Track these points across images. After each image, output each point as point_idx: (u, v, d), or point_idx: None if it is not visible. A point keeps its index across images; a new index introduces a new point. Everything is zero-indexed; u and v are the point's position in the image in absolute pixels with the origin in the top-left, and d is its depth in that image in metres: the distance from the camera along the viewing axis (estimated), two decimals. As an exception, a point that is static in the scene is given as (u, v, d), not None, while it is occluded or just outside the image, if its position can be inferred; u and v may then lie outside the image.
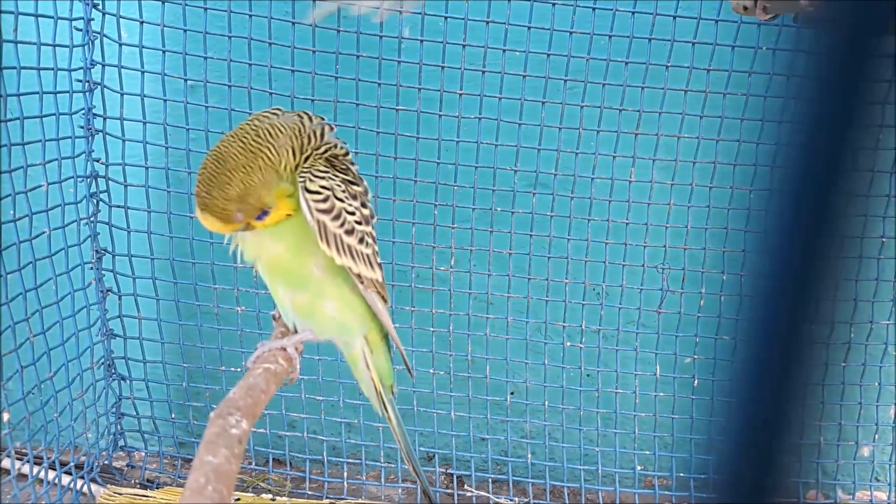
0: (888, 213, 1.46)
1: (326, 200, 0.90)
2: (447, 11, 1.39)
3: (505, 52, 1.39)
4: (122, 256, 1.52)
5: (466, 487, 1.68)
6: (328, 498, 1.62)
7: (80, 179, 1.43)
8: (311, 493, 1.64)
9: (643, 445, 1.65)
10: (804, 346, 0.33)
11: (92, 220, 1.48)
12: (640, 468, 1.68)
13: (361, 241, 0.95)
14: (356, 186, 0.96)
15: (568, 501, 1.65)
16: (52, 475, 1.47)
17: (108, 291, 1.54)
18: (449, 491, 1.66)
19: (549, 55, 1.40)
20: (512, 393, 1.65)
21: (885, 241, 1.48)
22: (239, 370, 1.59)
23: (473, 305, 1.58)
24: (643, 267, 1.53)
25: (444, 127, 1.45)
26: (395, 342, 1.05)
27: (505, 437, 1.67)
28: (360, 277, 0.95)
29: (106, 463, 1.63)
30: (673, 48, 1.40)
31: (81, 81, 1.39)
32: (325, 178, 0.90)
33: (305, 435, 1.66)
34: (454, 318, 1.58)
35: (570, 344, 1.59)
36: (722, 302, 1.53)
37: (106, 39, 1.39)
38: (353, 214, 0.93)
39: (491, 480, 1.69)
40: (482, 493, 1.67)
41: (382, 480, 1.67)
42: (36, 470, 1.46)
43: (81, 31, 1.37)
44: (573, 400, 1.62)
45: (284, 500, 1.58)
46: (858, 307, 1.51)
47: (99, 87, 1.41)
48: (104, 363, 1.58)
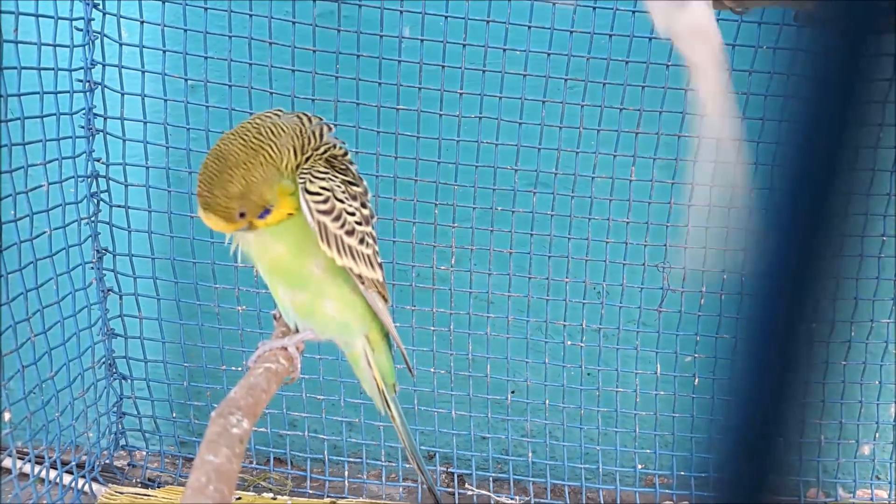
0: (888, 211, 1.46)
1: (327, 201, 0.90)
2: (448, 11, 1.39)
3: (505, 51, 1.39)
4: (122, 256, 1.52)
5: (467, 486, 1.68)
6: (329, 497, 1.62)
7: (80, 179, 1.43)
8: (312, 491, 1.64)
9: (644, 444, 1.65)
10: (802, 344, 0.33)
11: (93, 219, 1.48)
12: (640, 467, 1.68)
13: (362, 241, 0.95)
14: (356, 187, 0.97)
15: (569, 500, 1.65)
16: (53, 474, 1.47)
17: (108, 291, 1.55)
18: (450, 490, 1.66)
19: (549, 54, 1.40)
20: (513, 392, 1.65)
21: (885, 239, 1.48)
22: (240, 369, 1.60)
23: (474, 304, 1.58)
24: (643, 266, 1.54)
25: (444, 126, 1.45)
26: (395, 341, 1.06)
27: (506, 435, 1.67)
28: (360, 277, 0.96)
29: (107, 462, 1.63)
30: (674, 47, 1.40)
31: (82, 81, 1.39)
32: (325, 179, 0.91)
33: (306, 434, 1.66)
34: (455, 317, 1.58)
35: (570, 343, 1.59)
36: (722, 301, 1.53)
37: (106, 39, 1.39)
38: (353, 215, 0.94)
39: (492, 479, 1.69)
40: (483, 491, 1.67)
41: (383, 479, 1.68)
42: (37, 469, 1.46)
43: (82, 31, 1.37)
44: (574, 399, 1.62)
45: (285, 499, 1.59)
46: (859, 306, 1.51)
47: (99, 86, 1.41)
48: (105, 362, 1.58)
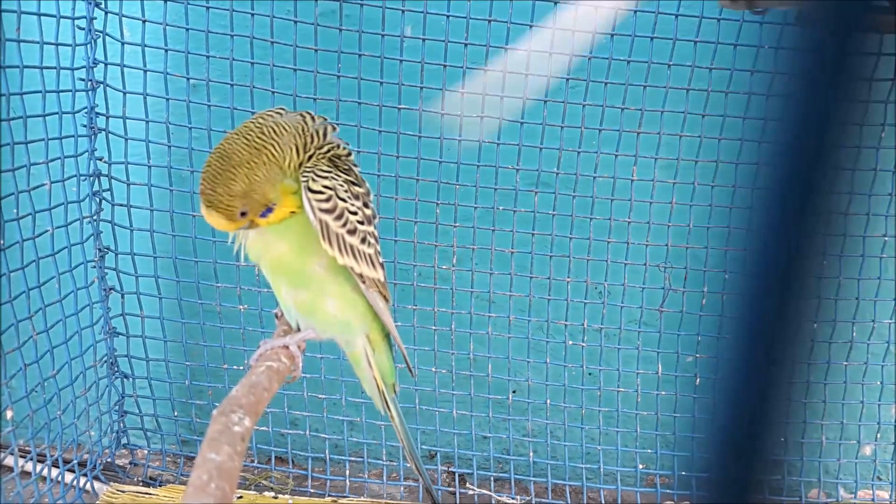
0: (890, 211, 1.46)
1: (329, 200, 0.90)
2: (449, 10, 1.39)
3: (507, 50, 1.39)
4: (124, 255, 1.52)
5: (468, 486, 1.68)
6: (330, 496, 1.62)
7: (82, 178, 1.43)
8: (313, 491, 1.64)
9: (645, 444, 1.65)
10: (788, 344, 0.33)
11: (95, 218, 1.48)
12: (641, 467, 1.68)
13: (363, 240, 0.95)
14: (358, 188, 0.97)
15: (570, 500, 1.65)
16: (55, 473, 1.47)
17: (110, 290, 1.55)
18: (451, 489, 1.66)
19: (551, 54, 1.40)
20: (514, 391, 1.65)
21: (887, 239, 1.48)
22: (241, 368, 1.60)
23: (475, 304, 1.58)
24: (645, 266, 1.53)
25: (446, 125, 1.45)
26: (396, 341, 1.06)
27: (507, 435, 1.67)
28: (361, 277, 0.96)
29: (109, 461, 1.63)
30: (675, 47, 1.40)
31: (84, 80, 1.39)
32: (327, 177, 0.91)
33: (308, 433, 1.66)
34: (456, 316, 1.58)
35: (572, 342, 1.59)
36: (724, 301, 1.52)
37: (108, 38, 1.39)
38: (355, 214, 0.94)
39: (493, 479, 1.69)
40: (484, 491, 1.67)
41: (384, 479, 1.68)
42: (39, 468, 1.46)
43: (84, 29, 1.37)
44: (575, 398, 1.62)
45: (287, 498, 1.59)
46: (861, 306, 1.51)
47: (102, 85, 1.41)
48: (107, 361, 1.58)
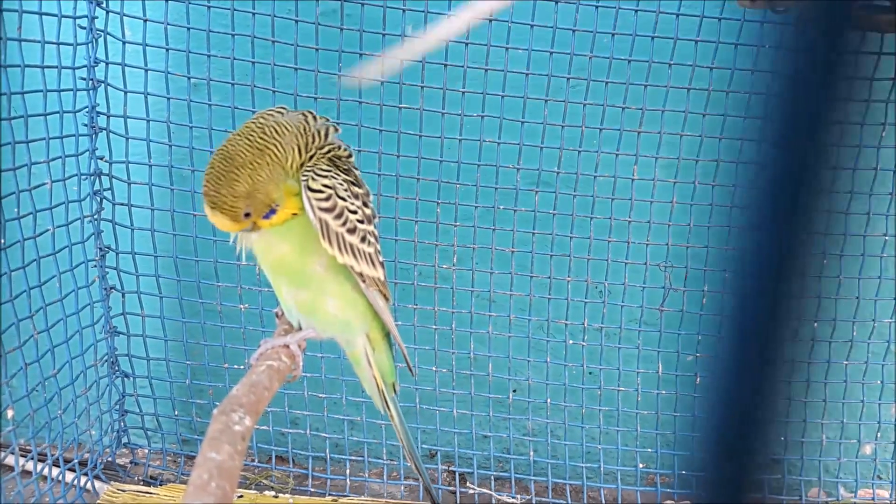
0: (890, 210, 1.46)
1: (329, 199, 0.90)
2: (450, 9, 1.39)
3: (508, 49, 1.40)
4: (125, 254, 1.52)
5: (469, 485, 1.68)
6: (331, 495, 1.62)
7: (83, 177, 1.43)
8: (313, 490, 1.64)
9: (645, 443, 1.65)
10: (780, 343, 0.33)
11: (95, 217, 1.48)
12: (642, 466, 1.68)
13: (363, 239, 0.95)
14: (358, 188, 0.97)
15: (570, 499, 1.65)
16: (55, 472, 1.47)
17: (111, 289, 1.55)
18: (451, 488, 1.66)
19: (551, 53, 1.40)
20: (514, 391, 1.65)
21: (887, 238, 1.48)
22: (242, 367, 1.60)
23: (476, 303, 1.58)
24: (645, 265, 1.53)
25: (446, 125, 1.45)
26: (396, 340, 1.06)
27: (507, 434, 1.67)
28: (361, 276, 0.96)
29: (109, 460, 1.63)
30: (676, 46, 1.40)
31: (85, 79, 1.39)
32: (327, 176, 0.91)
33: (308, 432, 1.66)
34: (456, 315, 1.58)
35: (572, 342, 1.59)
36: (722, 300, 1.52)
37: (109, 37, 1.39)
38: (355, 213, 0.94)
39: (493, 478, 1.69)
40: (485, 490, 1.67)
41: (385, 478, 1.68)
42: (39, 467, 1.46)
43: (85, 29, 1.37)
44: (575, 398, 1.62)
45: (287, 497, 1.59)
46: (861, 305, 1.51)
47: (102, 84, 1.41)
48: (108, 360, 1.59)
